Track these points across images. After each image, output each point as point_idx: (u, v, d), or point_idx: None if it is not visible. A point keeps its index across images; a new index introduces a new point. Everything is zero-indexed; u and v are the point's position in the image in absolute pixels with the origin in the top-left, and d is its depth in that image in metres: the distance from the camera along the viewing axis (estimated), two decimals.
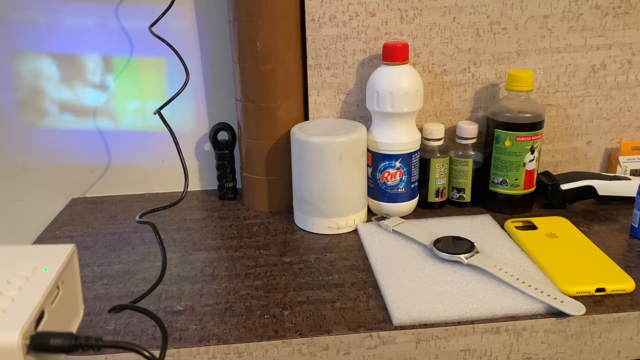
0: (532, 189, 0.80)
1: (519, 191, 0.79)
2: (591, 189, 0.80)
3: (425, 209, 0.83)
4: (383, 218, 0.79)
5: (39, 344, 0.31)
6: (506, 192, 0.79)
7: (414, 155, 0.78)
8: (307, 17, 0.79)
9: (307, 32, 0.80)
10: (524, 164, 0.78)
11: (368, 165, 0.79)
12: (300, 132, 0.75)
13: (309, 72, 0.82)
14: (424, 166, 0.81)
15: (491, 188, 0.80)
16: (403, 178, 0.78)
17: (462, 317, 0.58)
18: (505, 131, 0.77)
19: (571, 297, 0.60)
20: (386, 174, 0.78)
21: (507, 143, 0.77)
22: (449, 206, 0.84)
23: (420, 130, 0.81)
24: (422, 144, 0.81)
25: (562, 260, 0.66)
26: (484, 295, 0.60)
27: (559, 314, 0.58)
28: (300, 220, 0.79)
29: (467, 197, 0.82)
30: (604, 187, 0.80)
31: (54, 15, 0.83)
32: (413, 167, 0.78)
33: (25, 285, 0.33)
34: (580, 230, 0.75)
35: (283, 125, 0.81)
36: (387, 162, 0.77)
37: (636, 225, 0.72)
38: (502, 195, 0.80)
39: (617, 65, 0.84)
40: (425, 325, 0.57)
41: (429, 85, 0.83)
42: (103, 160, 0.91)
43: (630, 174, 0.87)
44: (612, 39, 0.83)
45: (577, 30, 0.82)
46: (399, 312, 0.58)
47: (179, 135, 0.90)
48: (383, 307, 0.60)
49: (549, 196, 0.81)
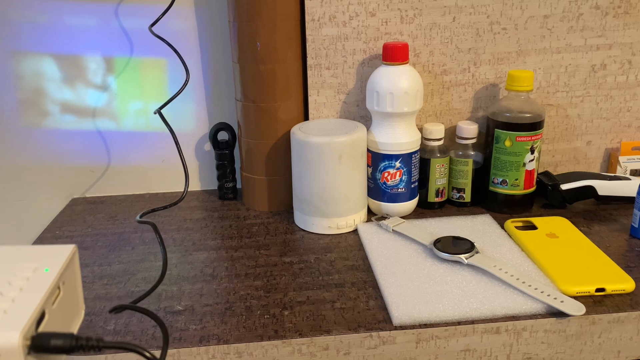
0: (532, 189, 0.80)
1: (519, 191, 0.79)
2: (591, 189, 0.80)
3: (425, 209, 0.83)
4: (383, 218, 0.79)
5: (40, 345, 0.31)
6: (506, 192, 0.79)
7: (414, 155, 0.78)
8: (307, 17, 0.79)
9: (307, 32, 0.80)
10: (524, 164, 0.78)
11: (368, 165, 0.79)
12: (300, 132, 0.75)
13: (309, 72, 0.82)
14: (424, 166, 0.81)
15: (491, 188, 0.81)
16: (403, 178, 0.78)
17: (462, 317, 0.58)
18: (505, 131, 0.77)
19: (571, 297, 0.60)
20: (386, 174, 0.78)
21: (507, 143, 0.77)
22: (449, 206, 0.84)
23: (420, 130, 0.81)
24: (422, 144, 0.81)
25: (562, 260, 0.66)
26: (484, 295, 0.61)
27: (559, 314, 0.58)
28: (300, 220, 0.79)
29: (467, 197, 0.82)
30: (604, 187, 0.80)
31: (55, 16, 0.83)
32: (413, 167, 0.78)
33: (26, 286, 0.33)
34: (580, 230, 0.75)
35: (283, 125, 0.81)
36: (387, 162, 0.77)
37: (636, 225, 0.72)
38: (502, 195, 0.80)
39: (617, 65, 0.84)
40: (425, 325, 0.57)
41: (429, 85, 0.83)
42: (103, 160, 0.91)
43: (630, 174, 0.87)
44: (612, 39, 0.83)
45: (577, 30, 0.82)
46: (399, 312, 0.58)
47: (179, 135, 0.90)
48: (383, 307, 0.60)
49: (549, 196, 0.81)
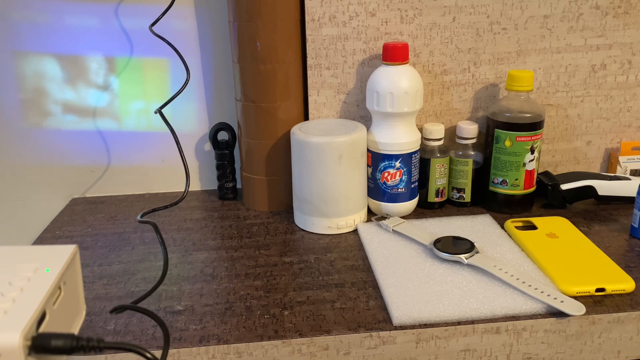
0: (532, 189, 0.80)
1: (519, 191, 0.79)
2: (591, 189, 0.80)
3: (425, 209, 0.83)
4: (383, 218, 0.79)
5: (40, 345, 0.31)
6: (506, 192, 0.79)
7: (414, 155, 0.78)
8: (307, 17, 0.79)
9: (307, 32, 0.80)
10: (524, 164, 0.78)
11: (368, 165, 0.79)
12: (300, 132, 0.75)
13: (309, 72, 0.82)
14: (424, 166, 0.81)
15: (491, 188, 0.81)
16: (403, 178, 0.78)
17: (462, 317, 0.58)
18: (505, 131, 0.77)
19: (571, 297, 0.60)
20: (386, 174, 0.78)
21: (507, 143, 0.77)
22: (449, 206, 0.84)
23: (420, 130, 0.82)
24: (422, 144, 0.81)
25: (562, 260, 0.66)
26: (484, 295, 0.61)
27: (559, 314, 0.58)
28: (300, 220, 0.79)
29: (467, 197, 0.82)
30: (604, 187, 0.80)
31: (57, 16, 0.83)
32: (413, 167, 0.78)
33: (26, 286, 0.33)
34: (580, 230, 0.75)
35: (283, 125, 0.81)
36: (387, 162, 0.77)
37: (636, 225, 0.72)
38: (502, 195, 0.80)
39: (617, 65, 0.84)
40: (425, 325, 0.57)
41: (429, 85, 0.83)
42: (103, 160, 0.91)
43: (630, 174, 0.87)
44: (612, 39, 0.83)
45: (577, 30, 0.82)
46: (399, 312, 0.58)
47: (179, 135, 0.90)
48: (383, 307, 0.60)
49: (549, 196, 0.81)
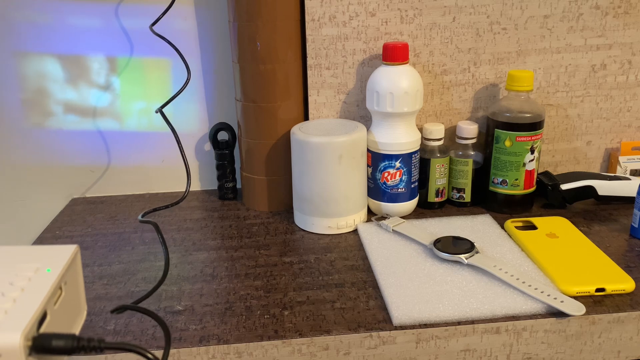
0: (532, 189, 0.80)
1: (519, 191, 0.79)
2: (591, 189, 0.80)
3: (425, 209, 0.83)
4: (383, 218, 0.79)
5: (41, 346, 0.31)
6: (506, 192, 0.79)
7: (414, 155, 0.78)
8: (307, 17, 0.79)
9: (307, 32, 0.80)
10: (524, 164, 0.78)
11: (368, 165, 0.79)
12: (300, 132, 0.75)
13: (309, 72, 0.82)
14: (424, 166, 0.81)
15: (491, 188, 0.81)
16: (403, 178, 0.78)
17: (462, 317, 0.58)
18: (505, 131, 0.77)
19: (571, 297, 0.60)
20: (386, 174, 0.78)
21: (507, 143, 0.77)
22: (449, 206, 0.84)
23: (420, 130, 0.82)
24: (422, 144, 0.81)
25: (562, 260, 0.66)
26: (484, 295, 0.61)
27: (559, 314, 0.58)
28: (300, 220, 0.79)
29: (467, 197, 0.82)
30: (604, 187, 0.80)
31: (58, 16, 0.83)
32: (413, 167, 0.78)
33: (27, 286, 0.33)
34: (580, 230, 0.75)
35: (283, 125, 0.81)
36: (387, 162, 0.77)
37: (636, 225, 0.72)
38: (502, 195, 0.80)
39: (617, 65, 0.84)
40: (425, 325, 0.57)
41: (429, 85, 0.83)
42: (103, 160, 0.91)
43: (630, 174, 0.87)
44: (612, 39, 0.83)
45: (577, 30, 0.82)
46: (399, 312, 0.58)
47: (179, 135, 0.90)
48: (383, 307, 0.60)
49: (549, 196, 0.81)
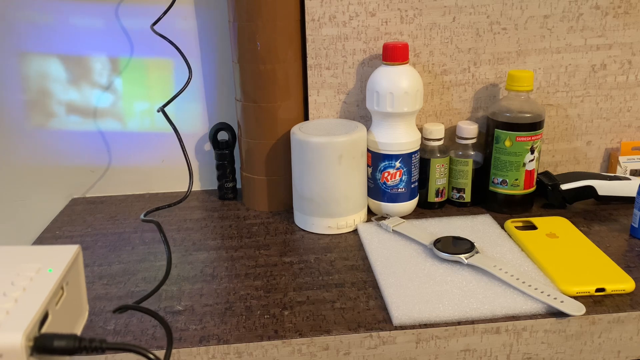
0: (532, 189, 0.80)
1: (519, 191, 0.79)
2: (591, 189, 0.80)
3: (425, 209, 0.83)
4: (383, 218, 0.79)
5: (43, 346, 0.30)
6: (506, 192, 0.80)
7: (414, 155, 0.78)
8: (307, 17, 0.79)
9: (307, 32, 0.80)
10: (524, 164, 0.78)
11: (368, 165, 0.79)
12: (300, 132, 0.75)
13: (309, 72, 0.82)
14: (424, 166, 0.81)
15: (491, 188, 0.81)
16: (403, 178, 0.78)
17: (462, 317, 0.58)
18: (505, 131, 0.77)
19: (571, 297, 0.60)
20: (386, 174, 0.78)
21: (507, 143, 0.77)
22: (449, 206, 0.84)
23: (420, 130, 0.82)
24: (422, 144, 0.81)
25: (562, 260, 0.66)
26: (484, 295, 0.61)
27: (559, 314, 0.58)
28: (300, 220, 0.79)
29: (467, 197, 0.82)
30: (604, 187, 0.80)
31: (60, 17, 0.83)
32: (413, 167, 0.78)
33: (29, 286, 0.33)
34: (580, 230, 0.75)
35: (283, 125, 0.81)
36: (387, 162, 0.77)
37: (636, 225, 0.72)
38: (502, 195, 0.80)
39: (617, 65, 0.84)
40: (425, 325, 0.57)
41: (429, 85, 0.83)
42: (103, 160, 0.91)
43: (630, 174, 0.87)
44: (612, 39, 0.83)
45: (577, 30, 0.82)
46: (399, 312, 0.58)
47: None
48: (383, 307, 0.60)
49: (549, 196, 0.81)
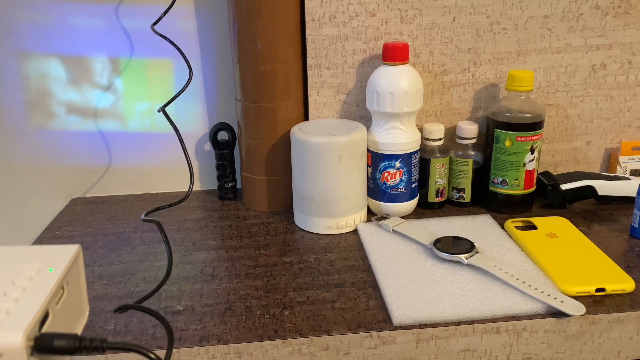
0: (532, 189, 0.80)
1: (519, 191, 0.79)
2: (591, 189, 0.80)
3: (425, 209, 0.83)
4: (383, 218, 0.79)
5: (43, 345, 0.30)
6: (506, 192, 0.80)
7: (414, 155, 0.78)
8: (307, 17, 0.79)
9: (307, 32, 0.80)
10: (524, 164, 0.78)
11: (368, 165, 0.79)
12: (300, 132, 0.75)
13: (309, 72, 0.82)
14: (424, 166, 0.81)
15: (491, 188, 0.81)
16: (403, 178, 0.78)
17: (462, 317, 0.58)
18: (505, 131, 0.77)
19: (571, 297, 0.60)
20: (386, 174, 0.78)
21: (507, 143, 0.77)
22: (449, 206, 0.84)
23: (420, 130, 0.82)
24: (422, 144, 0.81)
25: (562, 260, 0.66)
26: (484, 295, 0.61)
27: (559, 314, 0.58)
28: (300, 220, 0.79)
29: (467, 197, 0.82)
30: (604, 187, 0.80)
31: (60, 17, 0.83)
32: (413, 167, 0.78)
33: (29, 286, 0.33)
34: (580, 230, 0.75)
35: (283, 125, 0.81)
36: (387, 162, 0.77)
37: (636, 225, 0.72)
38: (502, 195, 0.80)
39: (617, 65, 0.84)
40: (425, 325, 0.57)
41: (429, 85, 0.83)
42: (103, 160, 0.91)
43: (630, 174, 0.87)
44: (612, 39, 0.83)
45: (577, 30, 0.82)
46: (399, 312, 0.58)
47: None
48: (383, 307, 0.60)
49: (549, 196, 0.81)
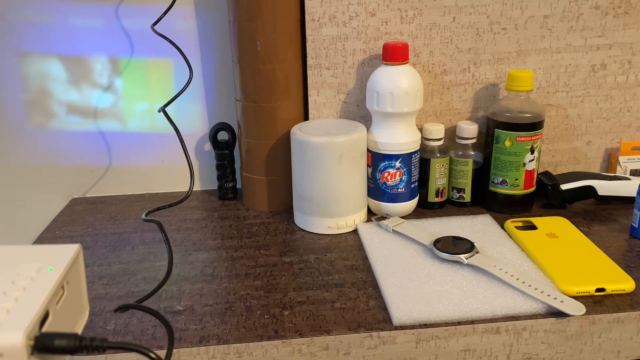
0: (532, 189, 0.80)
1: (519, 191, 0.79)
2: (591, 189, 0.80)
3: (425, 209, 0.83)
4: (383, 218, 0.79)
5: (43, 345, 0.30)
6: (506, 192, 0.80)
7: (414, 155, 0.78)
8: (307, 17, 0.79)
9: (307, 32, 0.80)
10: (524, 164, 0.78)
11: (368, 165, 0.79)
12: (300, 132, 0.75)
13: (309, 72, 0.82)
14: (424, 166, 0.81)
15: (491, 188, 0.81)
16: (403, 178, 0.78)
17: (462, 317, 0.58)
18: (505, 131, 0.77)
19: (571, 297, 0.60)
20: (386, 174, 0.78)
21: (507, 143, 0.77)
22: (449, 206, 0.84)
23: (420, 130, 0.82)
24: (422, 144, 0.81)
25: (562, 260, 0.66)
26: (484, 295, 0.61)
27: (559, 314, 0.58)
28: (300, 220, 0.79)
29: (467, 197, 0.82)
30: (604, 187, 0.80)
31: (61, 17, 0.83)
32: (413, 167, 0.78)
33: (29, 286, 0.33)
34: (580, 230, 0.75)
35: (283, 125, 0.81)
36: (387, 162, 0.77)
37: (636, 225, 0.72)
38: (502, 195, 0.80)
39: (617, 65, 0.84)
40: (425, 325, 0.57)
41: (429, 85, 0.83)
42: (103, 160, 0.91)
43: (630, 174, 0.87)
44: (612, 39, 0.83)
45: (577, 30, 0.82)
46: (399, 312, 0.58)
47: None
48: (383, 307, 0.60)
49: (549, 196, 0.81)
